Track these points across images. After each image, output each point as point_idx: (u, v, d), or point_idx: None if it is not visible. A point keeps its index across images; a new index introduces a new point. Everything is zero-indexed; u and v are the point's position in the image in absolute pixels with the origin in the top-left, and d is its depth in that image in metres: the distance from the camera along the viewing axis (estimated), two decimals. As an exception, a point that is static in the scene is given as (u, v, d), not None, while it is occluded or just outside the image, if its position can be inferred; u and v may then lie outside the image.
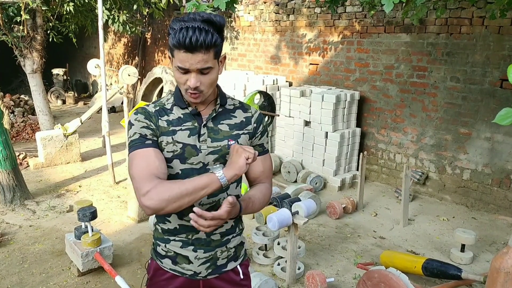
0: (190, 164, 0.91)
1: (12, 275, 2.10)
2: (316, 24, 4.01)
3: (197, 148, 0.91)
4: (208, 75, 0.85)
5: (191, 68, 0.82)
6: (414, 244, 2.54)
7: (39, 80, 4.37)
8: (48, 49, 4.77)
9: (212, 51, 0.82)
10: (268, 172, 1.01)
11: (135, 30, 5.21)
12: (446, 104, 3.20)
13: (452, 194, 3.24)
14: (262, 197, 0.96)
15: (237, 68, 5.04)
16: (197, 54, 0.80)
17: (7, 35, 4.04)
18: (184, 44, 0.79)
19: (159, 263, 0.98)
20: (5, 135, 2.82)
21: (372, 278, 1.60)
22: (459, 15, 3.01)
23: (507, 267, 1.15)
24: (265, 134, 1.00)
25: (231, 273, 1.00)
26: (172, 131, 0.90)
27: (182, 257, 0.95)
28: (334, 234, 2.65)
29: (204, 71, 0.84)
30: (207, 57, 0.82)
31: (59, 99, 7.37)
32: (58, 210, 2.91)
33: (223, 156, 0.92)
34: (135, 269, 2.19)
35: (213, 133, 0.92)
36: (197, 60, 0.81)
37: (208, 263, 0.96)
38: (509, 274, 1.14)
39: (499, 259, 1.20)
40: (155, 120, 0.90)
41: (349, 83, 3.83)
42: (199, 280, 0.97)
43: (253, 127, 0.96)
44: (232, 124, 0.94)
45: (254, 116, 0.97)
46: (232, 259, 1.00)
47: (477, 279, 1.82)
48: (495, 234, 2.69)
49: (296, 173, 3.57)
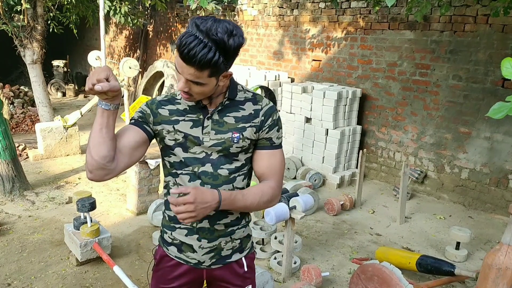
0: (192, 153, 0.92)
1: (11, 263, 2.12)
2: (320, 19, 3.98)
3: (199, 140, 0.91)
4: (199, 87, 0.83)
5: (183, 75, 0.81)
6: (410, 241, 2.55)
7: (39, 71, 4.35)
8: (49, 40, 4.74)
9: (206, 71, 0.80)
10: (275, 169, 0.94)
11: (136, 22, 5.17)
12: (447, 102, 3.19)
13: (449, 193, 3.25)
14: (259, 194, 0.91)
15: (239, 63, 5.01)
16: (190, 67, 0.79)
17: (7, 24, 4.01)
18: (182, 52, 0.77)
19: (166, 250, 1.00)
20: (4, 125, 2.82)
21: (366, 272, 1.62)
22: (464, 12, 2.99)
23: (499, 264, 1.16)
24: (275, 128, 0.94)
25: (235, 264, 1.00)
26: (175, 120, 0.91)
27: (187, 246, 0.96)
28: (331, 230, 2.67)
29: (195, 83, 0.82)
30: (200, 74, 0.80)
31: (59, 91, 7.35)
32: (57, 201, 2.92)
33: (227, 149, 0.91)
34: (133, 260, 2.21)
35: (217, 126, 0.91)
36: (188, 72, 0.80)
37: (212, 253, 0.96)
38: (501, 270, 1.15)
39: (491, 256, 1.21)
40: (155, 108, 0.93)
41: (351, 80, 3.82)
42: (202, 269, 0.98)
43: (261, 120, 0.92)
44: (239, 116, 0.92)
45: (264, 109, 0.93)
46: (237, 251, 1.00)
47: (470, 275, 1.84)
48: (491, 233, 2.70)
49: (295, 170, 3.58)
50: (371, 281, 1.58)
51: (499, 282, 1.16)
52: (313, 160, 3.62)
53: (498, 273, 1.15)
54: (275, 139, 0.95)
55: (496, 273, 1.16)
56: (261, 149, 0.95)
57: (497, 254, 1.18)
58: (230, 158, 0.92)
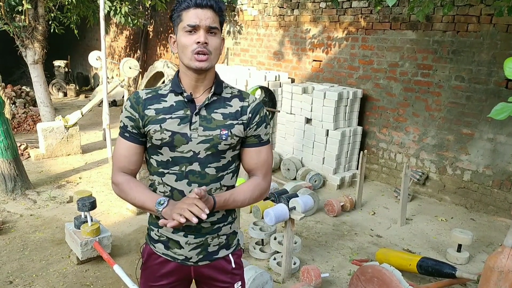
0: (180, 152, 0.91)
1: (12, 261, 2.13)
2: (321, 19, 3.97)
3: (187, 137, 0.90)
4: (215, 38, 0.88)
5: (201, 24, 0.86)
6: (411, 243, 2.54)
7: (40, 71, 4.37)
8: (50, 40, 4.76)
9: (218, 16, 0.88)
10: (263, 165, 0.97)
11: (137, 23, 5.18)
12: (449, 103, 3.17)
13: (451, 195, 3.23)
14: (249, 192, 0.94)
15: (239, 63, 5.01)
16: (207, 11, 0.86)
17: (9, 24, 4.03)
18: (196, 1, 0.85)
19: (153, 247, 1.00)
20: (6, 125, 2.83)
21: (365, 273, 1.61)
22: (467, 12, 2.97)
23: (501, 266, 1.15)
24: (263, 125, 0.95)
25: (223, 261, 1.00)
26: (162, 119, 0.90)
27: (174, 242, 0.96)
28: (331, 231, 2.66)
29: (212, 30, 0.87)
30: (215, 18, 0.87)
31: (61, 92, 7.37)
32: (59, 201, 2.93)
33: (215, 146, 0.91)
34: (133, 259, 2.21)
35: (205, 122, 0.91)
36: (207, 16, 0.86)
37: (199, 249, 0.96)
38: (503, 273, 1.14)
39: (493, 258, 1.20)
40: (142, 109, 0.92)
41: (352, 81, 3.80)
42: (190, 266, 0.98)
43: (248, 117, 0.93)
44: (227, 113, 0.92)
45: (251, 105, 0.94)
46: (224, 247, 0.99)
47: (471, 278, 1.83)
48: (493, 235, 2.68)
49: (295, 171, 3.57)
50: (370, 282, 1.58)
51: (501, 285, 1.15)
52: (313, 161, 3.61)
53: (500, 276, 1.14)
54: (263, 135, 0.97)
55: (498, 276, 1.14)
56: (250, 147, 0.96)
57: (499, 257, 1.16)
58: (218, 156, 0.92)
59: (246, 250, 2.32)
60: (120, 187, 0.93)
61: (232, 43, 5.05)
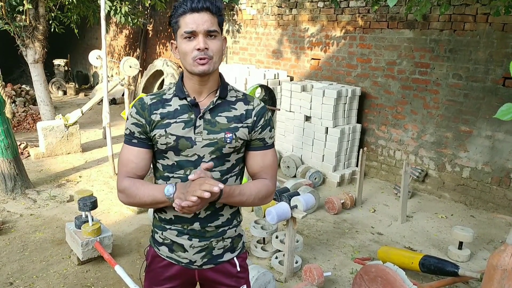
0: (185, 156, 0.91)
1: (12, 262, 2.12)
2: (319, 18, 3.97)
3: (192, 140, 0.90)
4: (215, 40, 0.86)
5: (198, 30, 0.84)
6: (412, 241, 2.55)
7: (40, 70, 4.36)
8: (50, 39, 4.75)
9: (216, 18, 0.86)
10: (269, 168, 0.96)
11: (137, 22, 5.17)
12: (447, 101, 3.18)
13: (451, 192, 3.24)
14: (255, 191, 0.93)
15: (238, 62, 5.01)
16: (204, 14, 0.84)
17: (10, 24, 4.02)
18: (191, 6, 0.83)
19: (157, 250, 0.99)
20: (6, 124, 2.82)
21: (369, 273, 1.61)
22: (463, 11, 2.98)
23: (504, 265, 1.15)
24: (268, 128, 0.95)
25: (228, 265, 0.99)
26: (166, 123, 0.90)
27: (178, 245, 0.96)
28: (332, 229, 2.66)
29: (211, 33, 0.85)
30: (213, 20, 0.85)
31: (60, 90, 7.35)
32: (59, 200, 2.93)
33: (219, 149, 0.90)
34: (134, 259, 2.21)
35: (210, 125, 0.90)
36: (204, 19, 0.84)
37: (203, 252, 0.96)
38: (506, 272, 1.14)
39: (496, 257, 1.20)
40: (148, 115, 0.91)
41: (350, 79, 3.81)
42: (194, 269, 0.97)
43: (253, 120, 0.93)
44: (231, 116, 0.92)
45: (256, 109, 0.94)
46: (228, 250, 0.99)
47: (474, 276, 1.82)
48: (493, 232, 2.70)
49: (295, 168, 3.58)
50: (374, 282, 1.57)
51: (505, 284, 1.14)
52: (313, 159, 3.62)
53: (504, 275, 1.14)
54: (268, 139, 0.96)
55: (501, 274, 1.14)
56: (254, 150, 0.95)
57: (502, 255, 1.16)
58: (222, 159, 0.92)
59: (247, 248, 2.32)
60: (127, 191, 0.91)
61: (231, 41, 5.04)
